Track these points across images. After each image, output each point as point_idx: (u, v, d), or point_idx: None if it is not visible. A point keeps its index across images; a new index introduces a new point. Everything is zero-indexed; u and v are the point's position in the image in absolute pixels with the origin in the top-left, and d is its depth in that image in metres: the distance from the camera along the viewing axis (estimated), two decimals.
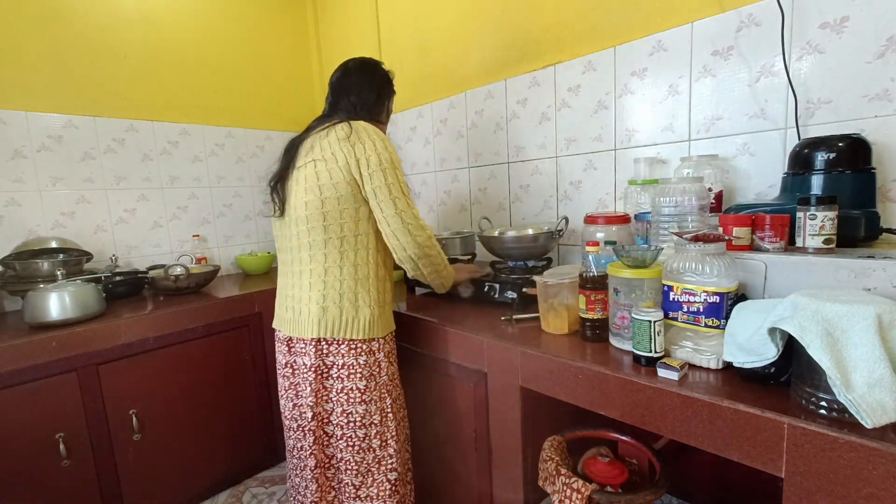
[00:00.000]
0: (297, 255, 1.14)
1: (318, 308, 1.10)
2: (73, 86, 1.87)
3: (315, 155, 1.10)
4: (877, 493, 0.60)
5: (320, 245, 1.10)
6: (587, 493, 0.92)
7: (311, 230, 1.10)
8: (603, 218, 1.25)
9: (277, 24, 2.49)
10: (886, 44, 0.98)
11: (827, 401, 0.66)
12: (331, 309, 1.11)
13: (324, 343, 1.12)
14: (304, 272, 1.13)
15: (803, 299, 0.69)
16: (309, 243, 1.11)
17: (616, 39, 1.39)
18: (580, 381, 0.93)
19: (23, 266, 1.62)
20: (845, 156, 0.93)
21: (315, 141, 1.13)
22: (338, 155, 1.08)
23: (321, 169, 1.08)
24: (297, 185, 1.12)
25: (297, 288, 1.15)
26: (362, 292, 1.13)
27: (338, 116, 1.18)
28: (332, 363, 1.13)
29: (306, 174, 1.10)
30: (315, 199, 1.08)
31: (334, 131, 1.10)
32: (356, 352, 1.13)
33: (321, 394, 1.15)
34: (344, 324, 1.11)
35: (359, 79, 1.24)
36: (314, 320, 1.11)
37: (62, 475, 1.42)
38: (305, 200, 1.09)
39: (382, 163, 1.07)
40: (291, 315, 1.16)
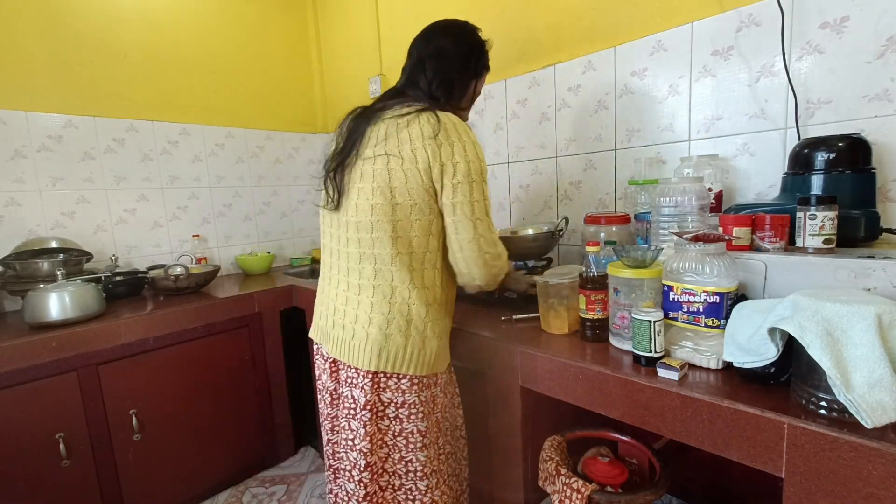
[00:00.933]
0: (357, 266, 0.96)
1: (381, 335, 0.93)
2: (73, 86, 1.87)
3: (389, 148, 0.91)
4: (877, 493, 0.60)
5: (387, 259, 0.92)
6: (587, 493, 0.92)
7: (377, 241, 0.92)
8: (603, 218, 1.25)
9: (277, 24, 2.49)
10: (886, 44, 0.98)
11: (827, 401, 0.66)
12: (395, 337, 0.93)
13: (381, 376, 0.95)
14: (364, 287, 0.95)
15: (803, 299, 0.69)
16: (374, 255, 0.93)
17: (616, 39, 1.39)
18: (580, 381, 0.93)
19: (23, 266, 1.62)
20: (845, 156, 0.93)
21: (391, 129, 0.93)
22: (419, 154, 0.89)
23: (395, 167, 0.90)
24: (364, 182, 0.93)
25: (354, 304, 0.96)
26: (430, 321, 0.96)
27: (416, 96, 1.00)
28: (390, 400, 0.96)
29: (376, 170, 0.91)
30: (385, 203, 0.90)
31: (418, 123, 0.91)
32: (418, 388, 0.96)
33: (376, 437, 0.96)
34: (409, 356, 0.94)
35: (446, 43, 1.03)
36: (374, 349, 0.93)
37: (62, 475, 1.42)
38: (373, 203, 0.91)
39: (471, 174, 0.90)
40: (341, 333, 0.98)
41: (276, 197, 2.51)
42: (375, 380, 0.95)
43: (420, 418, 0.97)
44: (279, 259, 2.52)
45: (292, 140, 2.57)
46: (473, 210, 0.92)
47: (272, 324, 1.91)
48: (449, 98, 1.03)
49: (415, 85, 1.02)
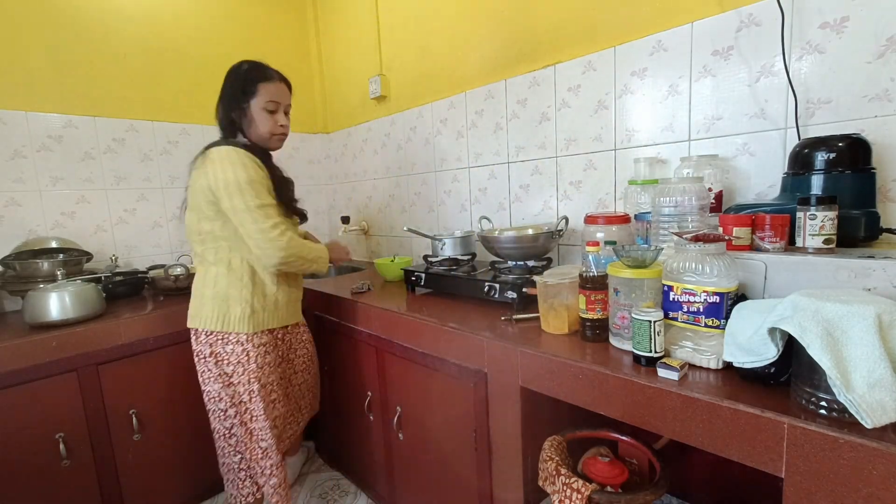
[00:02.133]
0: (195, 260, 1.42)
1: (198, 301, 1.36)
2: (73, 86, 1.87)
3: (189, 182, 1.33)
4: (877, 493, 0.60)
5: (201, 252, 1.34)
6: (587, 493, 0.93)
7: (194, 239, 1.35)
8: (603, 218, 1.25)
9: (277, 24, 2.49)
10: (886, 44, 0.98)
11: (827, 401, 0.66)
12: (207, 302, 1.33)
13: (201, 333, 1.34)
14: (197, 270, 1.38)
15: (803, 299, 0.69)
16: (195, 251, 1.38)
17: (616, 39, 1.39)
18: (580, 381, 0.93)
19: (23, 266, 1.62)
20: (845, 156, 0.93)
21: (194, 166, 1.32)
22: (198, 179, 1.27)
23: (190, 194, 1.32)
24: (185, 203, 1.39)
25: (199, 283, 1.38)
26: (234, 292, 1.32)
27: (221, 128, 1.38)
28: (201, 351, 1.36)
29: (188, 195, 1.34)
30: (191, 212, 1.33)
31: (198, 163, 1.30)
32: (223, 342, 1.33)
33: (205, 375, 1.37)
34: (208, 315, 1.32)
35: (223, 85, 1.39)
36: (191, 312, 1.37)
37: (62, 475, 1.42)
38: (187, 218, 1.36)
39: (228, 185, 1.21)
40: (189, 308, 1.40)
41: None
42: (196, 334, 1.36)
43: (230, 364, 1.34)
44: None
45: (292, 140, 2.57)
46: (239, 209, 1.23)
47: None
48: (237, 122, 1.35)
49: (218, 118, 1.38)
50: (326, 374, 1.84)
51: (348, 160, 2.62)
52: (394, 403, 1.49)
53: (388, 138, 2.30)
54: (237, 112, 1.34)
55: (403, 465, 1.53)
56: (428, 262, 1.69)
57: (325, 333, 1.78)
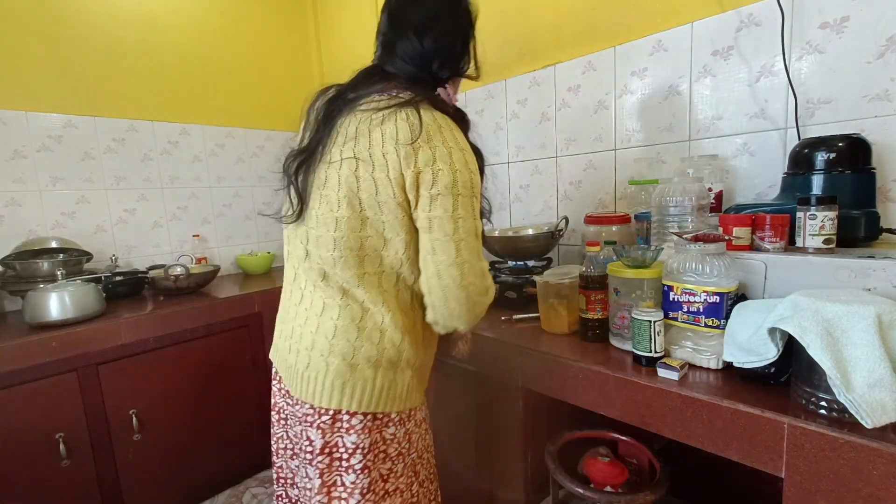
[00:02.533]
0: (321, 282, 0.79)
1: (345, 365, 0.76)
2: (73, 86, 1.87)
3: (359, 151, 0.74)
4: (877, 493, 0.60)
5: (354, 280, 0.76)
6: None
7: (342, 259, 0.75)
8: (603, 218, 1.25)
9: (277, 24, 2.49)
10: (886, 44, 0.98)
11: (827, 401, 0.66)
12: (362, 368, 0.76)
13: (344, 415, 0.77)
14: (329, 306, 0.78)
15: (803, 299, 0.69)
16: (337, 275, 0.77)
17: (616, 39, 1.39)
18: (580, 381, 0.93)
19: (23, 266, 1.62)
20: (845, 156, 0.93)
21: (362, 124, 0.76)
22: (390, 160, 0.71)
23: (364, 175, 0.73)
24: (327, 189, 0.76)
25: (314, 326, 0.79)
26: (405, 349, 0.79)
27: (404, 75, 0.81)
28: (356, 445, 0.77)
29: (342, 177, 0.74)
30: (354, 217, 0.74)
31: (393, 123, 0.73)
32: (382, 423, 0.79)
33: (333, 491, 0.78)
34: (378, 392, 0.77)
35: (437, 7, 0.82)
36: (335, 382, 0.76)
37: (62, 475, 1.42)
38: (338, 216, 0.74)
39: (457, 185, 0.72)
40: (296, 360, 0.80)
41: (276, 197, 2.50)
42: (336, 419, 0.77)
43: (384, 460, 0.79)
44: (279, 259, 2.52)
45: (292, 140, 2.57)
46: (457, 228, 0.72)
47: (272, 324, 1.91)
48: (452, 69, 0.85)
49: (402, 59, 0.82)
50: None
51: None
52: None
53: None
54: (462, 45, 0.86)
55: None
56: None
57: None
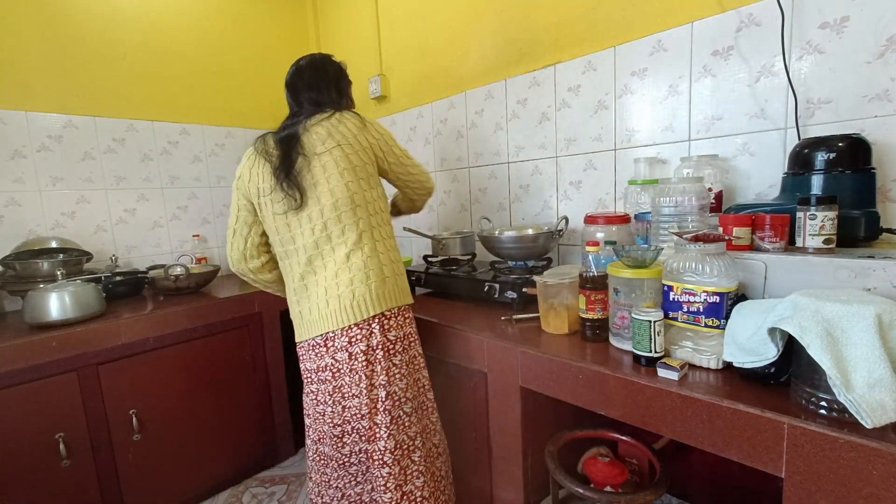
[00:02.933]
0: (341, 239, 1.10)
1: (380, 279, 1.10)
2: (73, 86, 1.87)
3: (339, 139, 1.12)
4: (877, 493, 0.60)
5: (367, 222, 1.12)
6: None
7: (357, 209, 1.11)
8: (603, 218, 1.25)
9: (277, 24, 2.49)
10: (886, 44, 0.98)
11: (827, 401, 0.66)
12: (390, 278, 1.13)
13: (383, 318, 1.10)
14: (353, 252, 1.10)
15: (803, 299, 0.69)
16: (355, 223, 1.11)
17: (616, 39, 1.39)
18: (580, 381, 0.93)
19: (23, 266, 1.62)
20: (845, 156, 0.93)
21: (330, 129, 1.13)
22: (361, 140, 1.14)
23: (351, 152, 1.12)
24: (329, 171, 1.10)
25: (346, 272, 1.09)
26: (398, 261, 1.19)
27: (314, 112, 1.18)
28: (396, 338, 1.12)
29: (336, 159, 1.10)
30: (355, 179, 1.11)
31: (348, 121, 1.15)
32: (410, 318, 1.18)
33: (392, 371, 1.10)
34: (401, 290, 1.15)
35: (314, 75, 1.25)
36: (379, 292, 1.09)
37: (62, 475, 1.42)
38: (345, 182, 1.10)
39: (392, 139, 1.24)
40: (338, 304, 1.08)
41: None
42: (381, 322, 1.09)
43: (418, 343, 1.19)
44: None
45: None
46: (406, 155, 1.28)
47: (272, 324, 1.91)
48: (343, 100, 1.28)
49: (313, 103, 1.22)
50: None
51: None
52: None
53: None
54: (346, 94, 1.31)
55: None
56: (428, 262, 1.69)
57: None
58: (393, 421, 1.09)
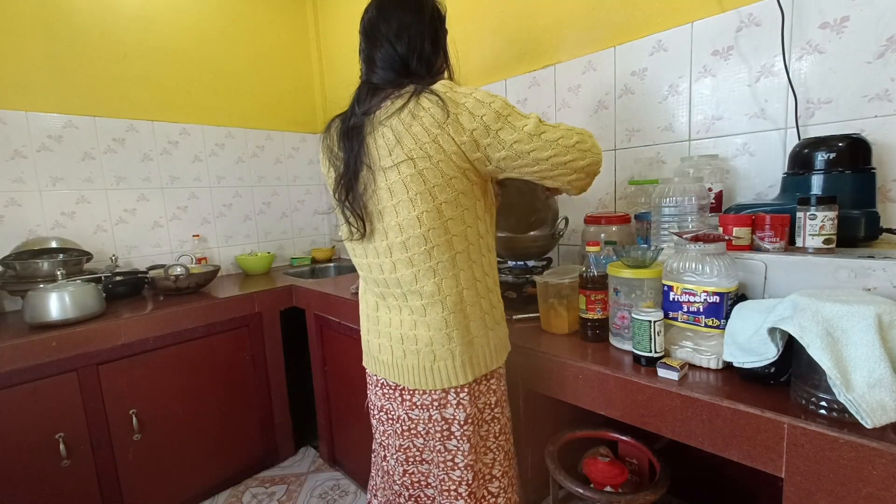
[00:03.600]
0: (415, 288, 0.86)
1: (465, 343, 0.86)
2: (73, 86, 1.87)
3: (410, 150, 0.79)
4: (877, 493, 0.60)
5: (448, 266, 0.84)
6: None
7: (435, 249, 0.83)
8: (603, 218, 1.25)
9: (277, 24, 2.49)
10: (886, 44, 0.98)
11: (827, 401, 0.66)
12: (478, 339, 0.88)
13: (475, 385, 0.89)
14: (431, 305, 0.86)
15: (803, 299, 0.69)
16: (432, 268, 0.84)
17: (616, 39, 1.39)
18: (580, 381, 0.93)
19: (23, 266, 1.62)
20: (845, 156, 0.93)
21: (399, 130, 0.81)
22: (444, 144, 0.79)
23: (426, 167, 0.79)
24: (397, 197, 0.82)
25: (424, 327, 0.87)
26: (497, 304, 0.93)
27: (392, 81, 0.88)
28: (485, 405, 0.92)
29: (405, 179, 0.80)
30: (432, 208, 0.81)
31: (423, 113, 0.79)
32: (501, 380, 0.95)
33: (480, 446, 0.92)
34: (493, 350, 0.90)
35: (401, 19, 0.89)
36: (464, 360, 0.86)
37: (62, 475, 1.42)
38: (417, 214, 0.81)
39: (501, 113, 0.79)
40: (416, 362, 0.89)
41: (276, 197, 2.51)
42: (471, 391, 0.89)
43: (507, 407, 0.97)
44: (279, 259, 2.52)
45: (292, 140, 2.57)
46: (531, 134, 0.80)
47: (272, 324, 1.91)
48: (423, 67, 0.90)
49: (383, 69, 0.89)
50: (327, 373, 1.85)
51: None
52: None
53: None
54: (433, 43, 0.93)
55: None
56: None
57: (325, 333, 1.78)
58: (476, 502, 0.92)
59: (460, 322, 0.86)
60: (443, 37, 0.97)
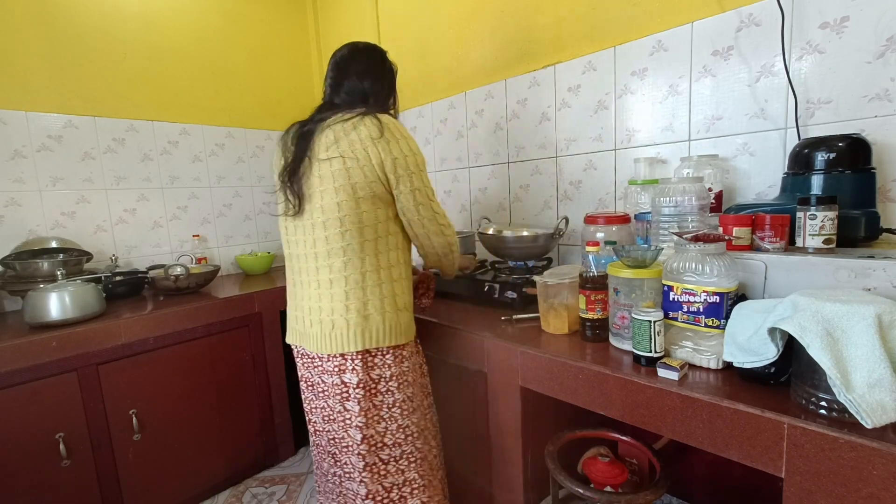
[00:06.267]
0: (326, 262, 1.03)
1: (360, 318, 1.02)
2: (73, 86, 1.87)
3: (343, 150, 0.99)
4: (877, 493, 0.60)
5: (357, 249, 1.01)
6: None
7: (346, 233, 1.00)
8: (603, 218, 1.25)
9: (277, 23, 2.49)
10: (886, 44, 0.98)
11: (827, 401, 0.66)
12: (374, 317, 1.03)
13: (368, 355, 1.03)
14: (336, 280, 1.02)
15: (803, 299, 0.69)
16: (343, 248, 1.01)
17: (616, 39, 1.39)
18: (580, 381, 0.93)
19: (23, 266, 1.62)
20: (845, 156, 0.93)
21: (340, 134, 1.01)
22: (371, 153, 0.99)
23: (352, 167, 0.99)
24: (324, 183, 1.01)
25: (328, 298, 1.03)
26: (399, 295, 1.07)
27: (350, 104, 1.09)
28: (380, 377, 1.05)
29: (335, 171, 0.99)
30: (349, 199, 0.99)
31: (364, 127, 1.00)
32: (400, 358, 1.07)
33: (371, 413, 1.04)
34: (388, 330, 1.04)
35: (368, 63, 1.13)
36: (357, 332, 1.01)
37: (62, 475, 1.42)
38: (338, 201, 0.99)
39: (418, 165, 1.04)
40: (319, 330, 1.04)
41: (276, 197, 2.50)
42: (364, 359, 1.03)
43: (407, 385, 1.08)
44: (279, 259, 2.52)
45: None
46: (426, 194, 1.06)
47: (272, 324, 1.91)
48: (377, 102, 1.13)
49: (347, 94, 1.12)
50: None
51: None
52: None
53: None
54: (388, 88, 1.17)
55: None
56: None
57: None
58: (367, 468, 1.04)
59: (359, 298, 1.02)
60: (394, 83, 1.21)
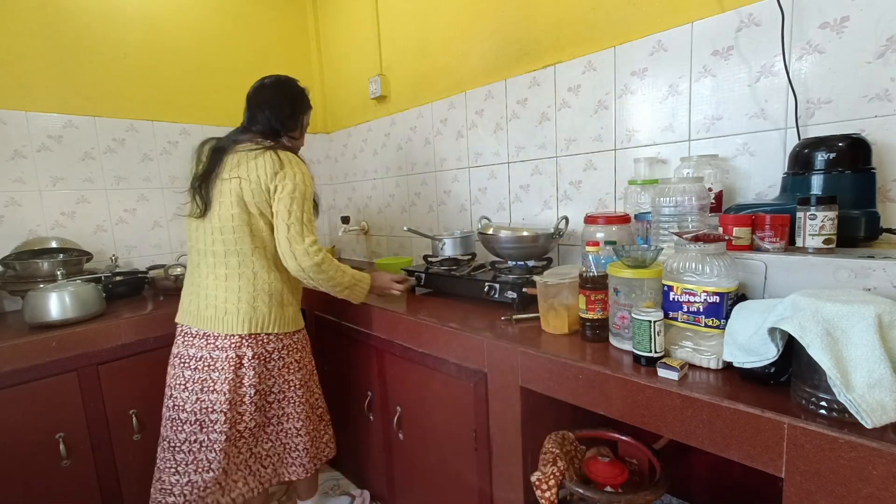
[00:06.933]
0: (223, 260, 1.26)
1: (250, 307, 1.26)
2: (73, 86, 1.87)
3: (241, 173, 1.23)
4: (877, 493, 0.60)
5: (248, 253, 1.26)
6: None
7: (239, 240, 1.24)
8: (603, 218, 1.25)
9: (277, 23, 2.49)
10: (886, 44, 0.98)
11: (827, 401, 0.66)
12: (261, 308, 1.27)
13: (256, 338, 1.28)
14: (231, 276, 1.26)
15: (803, 299, 0.69)
16: (236, 251, 1.25)
17: (616, 39, 1.39)
18: (580, 381, 0.93)
19: (23, 266, 1.62)
20: (845, 156, 0.93)
21: (242, 160, 1.25)
22: (262, 180, 1.22)
23: (246, 188, 1.22)
24: (223, 197, 1.24)
25: (223, 289, 1.26)
26: (286, 292, 1.33)
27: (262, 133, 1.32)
28: (275, 348, 1.31)
29: (232, 188, 1.23)
30: (242, 212, 1.23)
31: (265, 160, 1.23)
32: (286, 343, 1.34)
33: (265, 375, 1.31)
34: (274, 320, 1.30)
35: (273, 94, 1.36)
36: (245, 318, 1.25)
37: (62, 475, 1.42)
38: (232, 213, 1.23)
39: (296, 191, 1.24)
40: (213, 313, 1.26)
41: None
42: (257, 339, 1.27)
43: (295, 367, 1.36)
44: None
45: None
46: (289, 215, 1.23)
47: None
48: (285, 130, 1.36)
49: (258, 122, 1.34)
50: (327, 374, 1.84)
51: (348, 160, 2.62)
52: (394, 403, 1.49)
53: (388, 138, 2.30)
54: (292, 121, 1.38)
55: (403, 465, 1.53)
56: (428, 262, 1.69)
57: (325, 333, 1.78)
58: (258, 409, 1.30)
59: (249, 293, 1.26)
60: (303, 114, 1.43)
